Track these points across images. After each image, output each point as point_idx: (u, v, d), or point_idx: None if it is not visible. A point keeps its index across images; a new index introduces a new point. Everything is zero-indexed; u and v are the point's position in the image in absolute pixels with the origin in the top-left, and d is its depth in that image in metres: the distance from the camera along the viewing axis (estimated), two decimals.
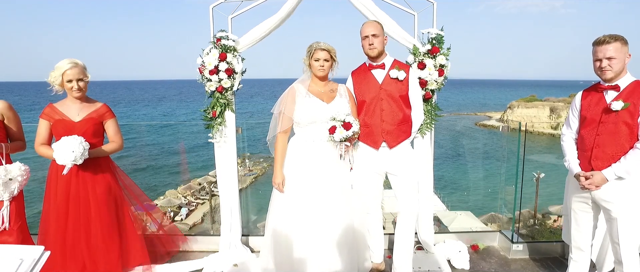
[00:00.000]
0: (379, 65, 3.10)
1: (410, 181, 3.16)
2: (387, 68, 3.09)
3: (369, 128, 3.09)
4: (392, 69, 3.07)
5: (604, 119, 2.60)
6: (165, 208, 22.63)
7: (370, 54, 3.07)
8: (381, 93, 3.06)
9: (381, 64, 3.10)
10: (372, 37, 3.00)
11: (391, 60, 3.13)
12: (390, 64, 3.11)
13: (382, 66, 3.10)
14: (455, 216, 16.33)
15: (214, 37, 3.42)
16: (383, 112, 3.06)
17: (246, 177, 10.33)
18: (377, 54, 3.06)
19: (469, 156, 25.21)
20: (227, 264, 3.55)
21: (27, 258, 1.17)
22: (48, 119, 2.96)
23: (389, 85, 3.06)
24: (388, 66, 3.10)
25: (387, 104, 3.06)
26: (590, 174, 2.65)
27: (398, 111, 3.08)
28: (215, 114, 3.51)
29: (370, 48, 3.02)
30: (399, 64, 3.12)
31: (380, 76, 3.09)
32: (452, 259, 3.64)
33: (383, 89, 3.06)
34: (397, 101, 3.08)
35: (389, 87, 3.06)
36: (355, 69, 3.23)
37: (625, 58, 2.54)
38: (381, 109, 3.06)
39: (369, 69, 3.12)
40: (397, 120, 3.07)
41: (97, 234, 3.05)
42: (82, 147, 2.78)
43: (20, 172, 2.83)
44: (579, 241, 2.93)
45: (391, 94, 3.06)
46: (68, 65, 2.88)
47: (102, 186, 3.05)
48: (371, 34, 3.00)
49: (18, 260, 1.16)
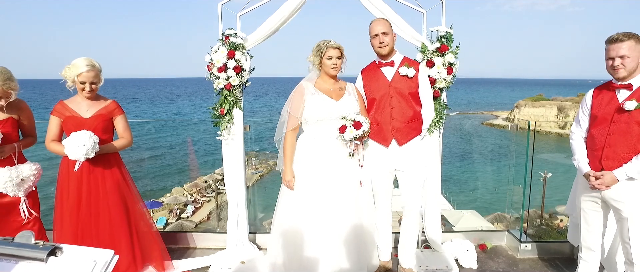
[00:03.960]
0: (389, 62, 3.08)
1: (417, 179, 3.16)
2: (396, 65, 3.08)
3: (379, 125, 3.08)
4: (402, 66, 3.05)
5: (615, 118, 2.56)
6: (171, 205, 22.77)
7: (380, 52, 3.05)
8: (391, 90, 3.04)
9: (391, 62, 3.08)
10: (382, 36, 2.98)
11: (401, 57, 3.11)
12: (400, 61, 3.09)
13: (392, 64, 3.08)
14: (461, 215, 16.26)
15: (223, 34, 3.43)
16: (393, 110, 3.05)
17: (253, 175, 10.36)
18: (387, 52, 3.04)
19: (476, 155, 25.11)
20: (234, 261, 3.56)
21: (100, 260, 1.21)
22: (59, 115, 2.98)
23: (399, 82, 3.05)
24: (398, 63, 3.08)
25: (396, 101, 3.04)
26: (600, 174, 2.61)
27: (408, 108, 3.06)
28: (223, 111, 3.52)
29: (381, 46, 3.00)
30: (408, 61, 3.10)
31: (389, 74, 3.08)
32: (460, 258, 3.63)
33: (392, 87, 3.04)
34: (407, 98, 3.06)
35: (398, 85, 3.04)
36: (365, 67, 3.21)
37: (639, 56, 2.50)
38: (391, 106, 3.05)
39: (378, 66, 3.11)
40: (407, 118, 3.06)
41: (105, 229, 3.07)
42: (92, 141, 2.80)
43: (31, 172, 2.90)
44: (589, 241, 2.90)
45: (401, 91, 3.04)
46: (85, 68, 2.88)
47: (112, 181, 3.07)
48: (381, 32, 2.98)
49: (92, 262, 1.20)
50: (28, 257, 1.19)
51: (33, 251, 1.19)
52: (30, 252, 1.19)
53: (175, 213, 22.54)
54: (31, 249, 1.20)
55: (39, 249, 1.20)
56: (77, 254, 1.22)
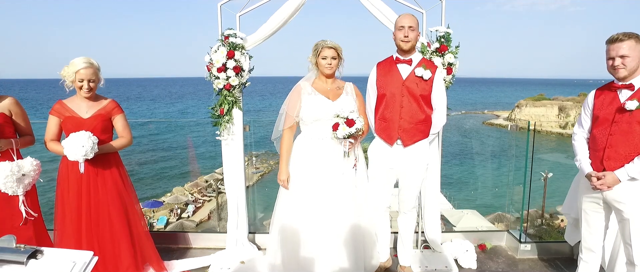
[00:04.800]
0: (407, 60, 2.99)
1: (416, 181, 3.15)
2: (413, 65, 3.00)
3: (386, 122, 3.02)
4: (419, 67, 2.97)
5: (617, 118, 2.56)
6: (172, 205, 22.81)
7: (402, 46, 2.95)
8: (403, 89, 2.96)
9: (409, 60, 2.99)
10: (408, 29, 2.90)
11: (419, 57, 3.03)
12: (418, 61, 3.00)
13: (410, 62, 2.99)
14: (461, 214, 16.25)
15: (222, 34, 3.43)
16: (402, 109, 2.97)
17: (253, 174, 10.36)
18: (409, 48, 2.96)
19: (476, 155, 25.12)
20: (234, 261, 3.56)
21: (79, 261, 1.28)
22: (58, 115, 2.98)
23: (412, 82, 2.96)
24: (415, 63, 2.99)
25: (407, 101, 2.97)
26: (602, 175, 2.61)
27: (418, 110, 2.98)
28: (222, 111, 3.52)
29: (405, 40, 2.92)
30: (426, 62, 3.00)
31: (405, 72, 2.99)
32: (460, 259, 3.63)
33: (405, 86, 2.96)
34: (418, 100, 2.97)
35: (411, 84, 2.96)
36: (382, 60, 3.11)
37: None
38: (401, 105, 2.98)
39: (395, 62, 3.02)
40: (416, 120, 2.99)
41: (105, 228, 3.07)
42: (91, 141, 2.80)
43: (32, 167, 2.88)
44: (590, 242, 2.89)
45: (412, 91, 2.96)
46: (82, 65, 2.88)
47: (111, 181, 3.07)
48: (408, 25, 2.90)
49: (71, 263, 1.26)
50: (8, 260, 1.25)
51: (13, 255, 1.25)
52: (10, 256, 1.25)
53: (176, 212, 22.57)
54: (11, 252, 1.26)
55: (19, 253, 1.26)
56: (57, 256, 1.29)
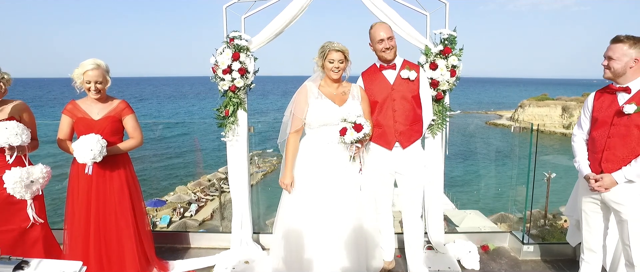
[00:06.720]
0: (390, 65, 3.09)
1: (417, 182, 3.17)
2: (397, 68, 3.09)
3: (381, 129, 3.08)
4: (403, 69, 3.06)
5: (615, 121, 2.58)
6: (175, 204, 22.87)
7: (385, 57, 3.04)
8: (393, 94, 3.05)
9: (392, 65, 3.09)
10: (388, 41, 2.99)
11: (401, 60, 3.12)
12: (401, 64, 3.10)
13: (393, 67, 3.09)
14: (464, 215, 16.25)
15: (227, 37, 3.46)
16: (396, 113, 3.05)
17: (256, 173, 10.39)
18: (392, 57, 3.05)
19: (479, 155, 25.01)
20: (238, 261, 3.59)
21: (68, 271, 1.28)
22: (70, 115, 3.02)
23: (401, 85, 3.06)
24: (399, 66, 3.09)
25: (399, 104, 3.05)
26: (599, 177, 2.64)
27: (410, 111, 3.07)
28: (227, 113, 3.55)
29: (387, 52, 3.00)
30: (409, 64, 3.11)
31: (391, 77, 3.09)
32: (462, 260, 3.64)
33: (395, 90, 3.05)
34: (410, 101, 3.07)
35: (400, 88, 3.05)
36: (366, 70, 3.21)
37: (630, 61, 2.49)
38: (394, 109, 3.05)
39: (379, 69, 3.12)
40: (410, 121, 3.07)
41: (112, 228, 3.10)
42: (100, 145, 2.83)
43: (41, 175, 2.91)
44: (591, 242, 2.92)
45: (403, 94, 3.05)
46: (90, 66, 2.92)
47: (120, 181, 3.10)
48: (387, 37, 2.99)
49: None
50: None
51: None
52: None
53: (179, 212, 22.64)
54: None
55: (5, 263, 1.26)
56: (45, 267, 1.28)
